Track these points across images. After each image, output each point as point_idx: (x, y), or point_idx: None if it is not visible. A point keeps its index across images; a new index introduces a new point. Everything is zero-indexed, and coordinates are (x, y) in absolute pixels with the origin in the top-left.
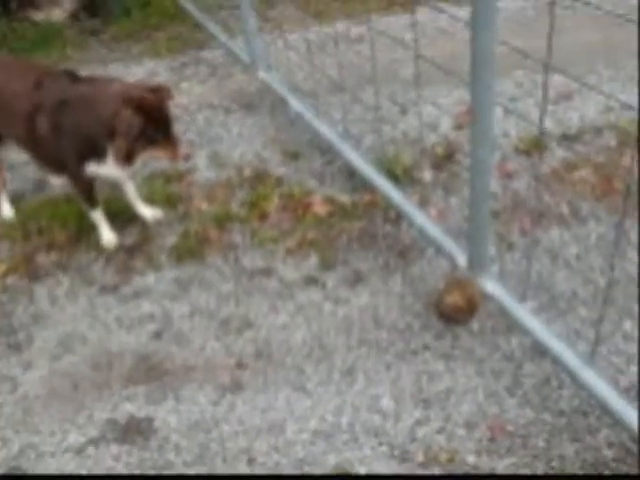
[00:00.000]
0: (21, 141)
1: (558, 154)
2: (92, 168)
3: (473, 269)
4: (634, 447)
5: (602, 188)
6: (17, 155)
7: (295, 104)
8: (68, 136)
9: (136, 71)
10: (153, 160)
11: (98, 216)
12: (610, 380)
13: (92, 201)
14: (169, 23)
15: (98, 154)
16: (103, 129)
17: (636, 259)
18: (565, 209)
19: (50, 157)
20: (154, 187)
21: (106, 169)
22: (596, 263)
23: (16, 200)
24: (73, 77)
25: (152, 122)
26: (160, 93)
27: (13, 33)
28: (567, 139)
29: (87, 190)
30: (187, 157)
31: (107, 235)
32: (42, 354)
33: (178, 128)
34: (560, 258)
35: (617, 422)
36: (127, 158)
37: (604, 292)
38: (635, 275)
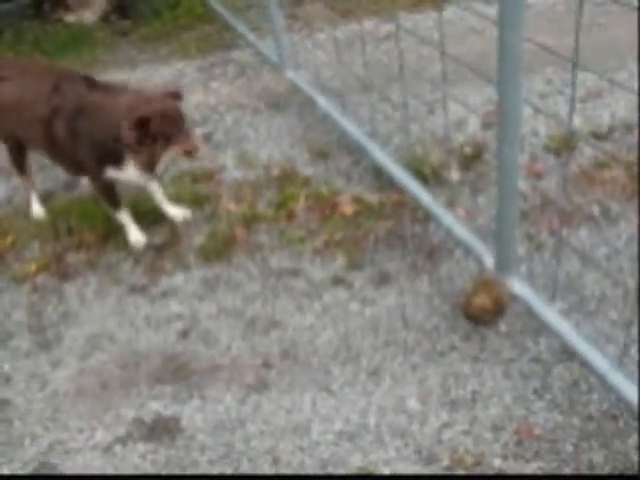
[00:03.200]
0: (39, 144)
1: (588, 153)
2: (111, 173)
3: (501, 270)
4: None
5: (632, 188)
6: None
7: (323, 103)
8: (84, 141)
9: (165, 72)
10: (181, 160)
11: (124, 217)
12: (637, 382)
13: (115, 202)
14: (198, 24)
15: (116, 160)
16: (115, 139)
17: None
18: (595, 209)
19: (69, 160)
20: (182, 187)
21: (126, 174)
22: (626, 264)
23: (46, 200)
24: (90, 82)
25: (161, 127)
26: (169, 98)
27: (46, 35)
28: (597, 137)
29: (108, 192)
30: (206, 152)
31: (135, 235)
32: (71, 352)
33: (206, 128)
34: (589, 259)
35: None
36: (149, 165)
37: (634, 294)
38: None
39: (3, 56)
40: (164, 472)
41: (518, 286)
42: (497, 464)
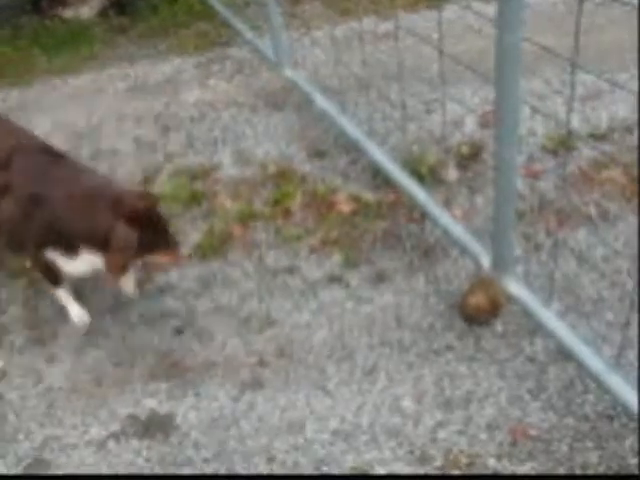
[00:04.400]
0: None
1: (586, 154)
2: (55, 258)
3: (497, 270)
4: None
5: (631, 189)
6: None
7: (320, 102)
8: (36, 222)
9: (163, 68)
10: (178, 157)
11: (62, 294)
12: (636, 385)
13: (54, 278)
14: (196, 20)
15: (67, 248)
16: (93, 239)
17: None
18: (593, 210)
19: (9, 236)
20: (179, 184)
21: (76, 265)
22: (624, 266)
23: None
24: (50, 156)
25: (148, 230)
26: (149, 199)
27: (44, 30)
28: (596, 138)
29: (48, 269)
30: (188, 259)
31: (76, 312)
32: (66, 348)
33: (203, 126)
34: (587, 260)
35: None
36: (121, 268)
37: (631, 295)
38: None
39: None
40: (158, 469)
41: (514, 286)
42: (491, 464)
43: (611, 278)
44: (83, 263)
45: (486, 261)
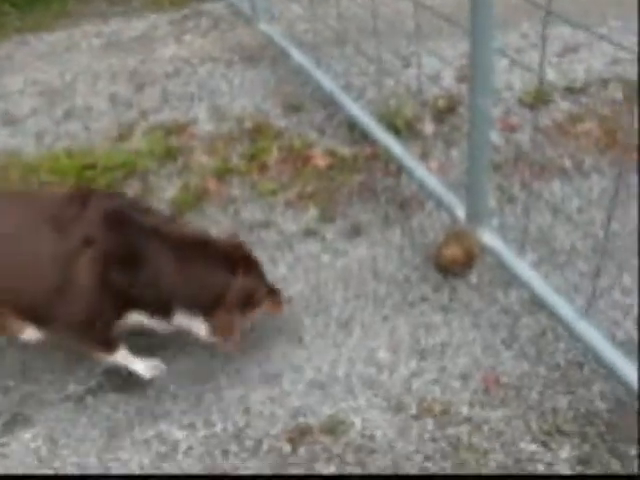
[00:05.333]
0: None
1: (563, 107)
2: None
3: (472, 221)
4: (627, 399)
5: (606, 141)
6: None
7: (297, 56)
8: (126, 285)
9: (137, 25)
10: (153, 113)
11: (121, 356)
12: (607, 333)
13: (111, 344)
14: None
15: (159, 313)
16: (200, 299)
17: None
18: (568, 162)
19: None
20: (154, 140)
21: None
22: (598, 217)
23: (15, 155)
24: (129, 204)
25: (257, 281)
26: (245, 246)
27: None
28: (572, 92)
29: (107, 336)
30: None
31: (143, 367)
32: None
33: (178, 81)
34: (561, 212)
35: (612, 374)
36: (228, 330)
37: (601, 245)
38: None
39: None
40: (135, 421)
41: (489, 238)
42: (464, 411)
43: (585, 229)
44: (170, 326)
45: (461, 213)
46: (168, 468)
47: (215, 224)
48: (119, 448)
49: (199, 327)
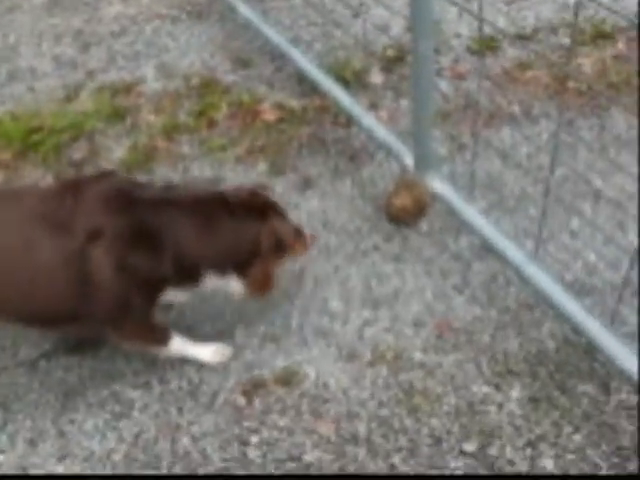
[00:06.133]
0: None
1: (511, 54)
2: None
3: (420, 169)
4: (575, 338)
5: (555, 87)
6: None
7: (244, 10)
8: (156, 263)
9: None
10: (100, 73)
11: (178, 345)
12: (556, 275)
13: (165, 334)
14: None
15: (190, 281)
16: (239, 253)
17: (587, 158)
18: (517, 109)
19: (103, 307)
20: (101, 100)
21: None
22: (547, 162)
23: None
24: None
25: (285, 225)
26: (263, 190)
27: None
28: (521, 38)
29: (154, 325)
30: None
31: (206, 353)
32: None
33: (125, 40)
34: (510, 158)
35: (560, 315)
36: (266, 282)
37: (546, 189)
38: (583, 173)
39: None
40: (90, 383)
41: (438, 185)
42: (417, 357)
43: (534, 174)
44: (203, 289)
45: (409, 161)
46: (123, 426)
47: (166, 182)
48: (74, 410)
49: (232, 285)
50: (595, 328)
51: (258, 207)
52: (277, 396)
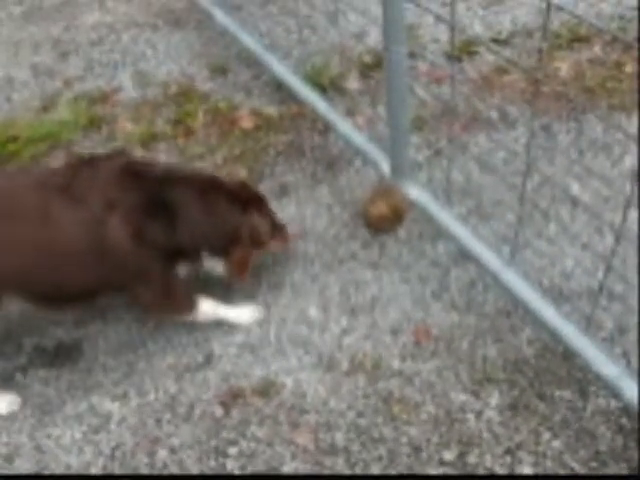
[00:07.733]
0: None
1: (488, 59)
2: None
3: (396, 175)
4: (553, 344)
5: (531, 92)
6: None
7: (221, 18)
8: (159, 237)
9: None
10: (77, 82)
11: (210, 308)
12: (532, 281)
13: (193, 299)
14: None
15: (193, 259)
16: (225, 237)
17: (564, 163)
18: (494, 114)
19: (119, 273)
20: (78, 109)
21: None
22: (523, 167)
23: None
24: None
25: (267, 218)
26: (245, 182)
27: None
28: (498, 43)
29: (182, 290)
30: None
31: (238, 314)
32: None
33: (102, 49)
34: (487, 163)
35: (537, 321)
36: (242, 268)
37: (522, 194)
38: (560, 179)
39: None
40: (67, 396)
41: (415, 192)
42: (396, 365)
43: (511, 180)
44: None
45: (386, 167)
46: (100, 439)
47: None
48: (51, 424)
49: (218, 266)
50: (572, 334)
51: (244, 199)
52: (255, 407)
